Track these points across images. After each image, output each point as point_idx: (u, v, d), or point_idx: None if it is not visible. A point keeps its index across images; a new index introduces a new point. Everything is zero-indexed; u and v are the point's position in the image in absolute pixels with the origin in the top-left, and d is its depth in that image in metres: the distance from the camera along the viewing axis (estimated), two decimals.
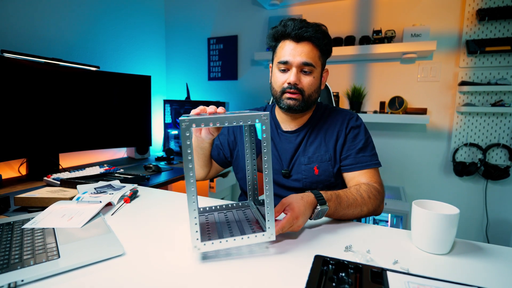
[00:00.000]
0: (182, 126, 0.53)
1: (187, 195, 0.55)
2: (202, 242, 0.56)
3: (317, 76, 0.92)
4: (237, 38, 2.37)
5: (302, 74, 0.90)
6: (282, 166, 0.98)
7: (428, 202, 0.67)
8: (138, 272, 0.54)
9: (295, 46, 0.88)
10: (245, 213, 0.72)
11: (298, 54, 0.87)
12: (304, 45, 0.88)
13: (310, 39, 0.87)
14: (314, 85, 0.91)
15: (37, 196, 0.91)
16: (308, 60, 0.87)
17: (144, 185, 1.26)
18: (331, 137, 0.96)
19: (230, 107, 2.43)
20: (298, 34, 0.87)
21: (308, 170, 0.94)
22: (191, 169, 0.54)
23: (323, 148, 0.95)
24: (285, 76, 0.91)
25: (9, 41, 1.44)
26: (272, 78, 0.97)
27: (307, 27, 0.87)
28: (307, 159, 0.95)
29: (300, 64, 0.88)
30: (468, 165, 1.80)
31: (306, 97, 0.91)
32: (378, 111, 1.97)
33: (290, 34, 0.88)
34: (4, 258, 0.57)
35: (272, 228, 0.58)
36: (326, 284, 0.48)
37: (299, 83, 0.89)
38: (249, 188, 0.76)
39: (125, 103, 1.76)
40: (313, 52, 0.89)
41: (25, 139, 1.33)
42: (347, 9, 2.04)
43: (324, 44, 0.90)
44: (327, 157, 0.95)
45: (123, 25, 2.10)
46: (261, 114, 0.55)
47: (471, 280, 0.52)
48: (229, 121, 0.54)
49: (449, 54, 1.84)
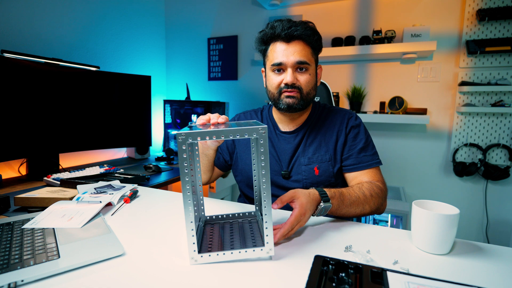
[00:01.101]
0: (179, 140, 0.53)
1: (184, 207, 0.56)
2: (199, 254, 0.57)
3: (313, 73, 0.92)
4: (237, 38, 2.37)
5: (297, 73, 0.90)
6: (282, 167, 0.97)
7: (428, 202, 0.67)
8: (138, 272, 0.54)
9: (286, 46, 0.88)
10: (250, 224, 0.72)
11: (291, 54, 0.87)
12: (295, 44, 0.88)
13: (301, 37, 0.87)
14: (311, 82, 0.91)
15: (37, 196, 0.91)
16: (302, 58, 0.87)
17: (144, 185, 1.26)
18: (331, 137, 0.96)
19: (230, 107, 2.43)
20: (288, 34, 0.87)
21: (308, 171, 0.94)
22: (187, 181, 0.55)
23: (323, 148, 0.95)
24: (280, 77, 0.91)
25: (9, 41, 1.44)
26: (267, 81, 0.96)
27: (296, 26, 0.87)
28: (307, 160, 0.95)
29: (294, 64, 0.88)
30: (468, 165, 1.80)
31: (305, 94, 0.91)
32: (378, 111, 1.97)
33: (280, 35, 0.88)
34: (4, 258, 0.57)
35: (270, 243, 0.58)
36: (326, 284, 0.48)
37: (296, 82, 0.89)
38: (256, 199, 0.76)
39: (125, 103, 1.76)
40: (306, 49, 0.89)
41: (25, 139, 1.33)
42: (347, 9, 2.04)
43: (314, 40, 0.90)
44: (327, 157, 0.94)
45: (123, 25, 2.10)
46: (258, 128, 0.54)
47: (471, 280, 0.52)
48: (226, 135, 0.54)
49: (449, 54, 1.84)
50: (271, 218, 0.57)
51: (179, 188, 1.92)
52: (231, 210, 0.89)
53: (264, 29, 0.92)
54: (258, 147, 0.56)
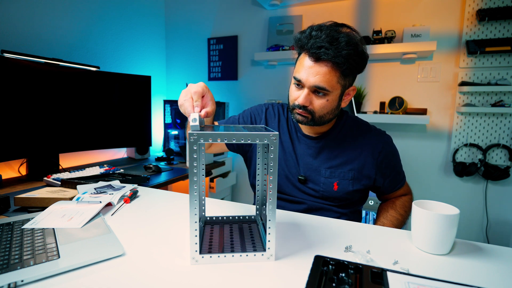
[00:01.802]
0: (191, 140, 0.53)
1: (190, 207, 0.55)
2: (200, 255, 0.57)
3: (333, 98, 0.84)
4: (237, 38, 2.37)
5: (314, 95, 0.84)
6: (299, 171, 0.95)
7: (428, 202, 0.68)
8: (138, 272, 0.54)
9: (312, 65, 0.80)
10: (250, 228, 0.72)
11: (312, 75, 0.80)
12: (321, 66, 0.79)
13: (329, 61, 0.79)
14: (327, 108, 0.84)
15: (37, 196, 0.91)
16: (321, 84, 0.80)
17: (144, 185, 1.26)
18: (359, 156, 0.92)
19: (230, 107, 2.43)
20: (316, 54, 0.79)
21: (327, 184, 0.92)
22: (195, 182, 0.55)
23: (348, 165, 0.92)
24: (297, 93, 0.85)
25: (9, 41, 1.44)
26: (289, 88, 0.91)
27: (328, 48, 0.77)
28: (328, 173, 0.92)
29: (312, 86, 0.81)
30: (468, 166, 1.80)
31: (317, 118, 0.86)
32: (378, 112, 1.97)
33: (309, 50, 0.80)
34: (4, 258, 0.57)
35: (272, 248, 0.58)
36: (326, 284, 0.48)
37: (309, 105, 0.84)
38: (257, 203, 0.76)
39: (125, 103, 1.76)
40: (331, 74, 0.80)
41: (25, 139, 1.33)
42: (347, 9, 2.04)
43: (345, 68, 0.80)
44: (349, 175, 0.91)
45: (123, 25, 2.10)
46: (270, 134, 0.54)
47: (471, 281, 0.52)
48: (237, 139, 0.54)
49: (449, 54, 1.84)
50: (275, 223, 0.57)
51: (179, 188, 1.92)
52: (231, 210, 0.89)
53: (305, 31, 0.83)
54: (268, 153, 0.56)
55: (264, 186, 0.74)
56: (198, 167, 0.57)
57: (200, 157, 0.68)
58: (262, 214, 0.75)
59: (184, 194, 1.04)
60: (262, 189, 0.74)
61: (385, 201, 1.04)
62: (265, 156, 0.72)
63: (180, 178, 1.56)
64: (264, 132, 0.56)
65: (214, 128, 0.65)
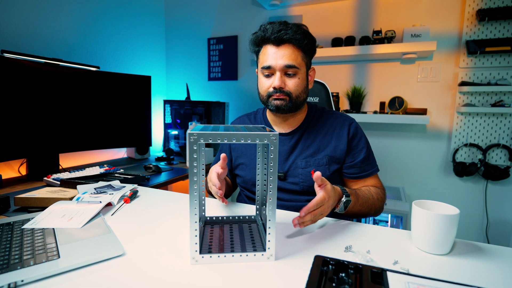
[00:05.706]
0: (190, 140, 0.53)
1: (190, 207, 0.56)
2: (200, 255, 0.57)
3: (303, 76, 0.91)
4: (237, 38, 2.37)
5: (286, 77, 0.90)
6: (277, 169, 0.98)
7: (428, 202, 0.68)
8: (138, 272, 0.54)
9: (276, 50, 0.88)
10: (250, 228, 0.72)
11: (280, 58, 0.87)
12: (285, 48, 0.87)
13: (290, 41, 0.87)
14: (301, 86, 0.91)
15: (37, 196, 0.91)
16: (290, 62, 0.87)
17: (144, 185, 1.26)
18: (330, 141, 0.96)
19: (230, 108, 2.43)
20: (277, 37, 0.86)
21: (305, 174, 0.94)
22: (195, 182, 0.55)
23: (321, 152, 0.95)
24: (269, 81, 0.91)
25: (9, 41, 1.44)
26: (258, 84, 0.97)
27: (286, 29, 0.86)
28: (304, 163, 0.95)
29: (283, 67, 0.87)
30: (468, 166, 1.80)
31: (294, 98, 0.91)
32: (378, 112, 1.97)
33: (270, 38, 0.88)
34: (4, 258, 0.57)
35: (272, 248, 0.58)
36: (326, 284, 0.48)
37: (284, 86, 0.89)
38: (257, 203, 0.76)
39: (125, 103, 1.76)
40: (295, 53, 0.88)
41: (25, 139, 1.33)
42: (347, 9, 2.04)
43: (305, 44, 0.88)
44: (324, 161, 0.95)
45: (123, 25, 2.10)
46: (270, 134, 0.55)
47: (471, 281, 0.52)
48: (237, 139, 0.55)
49: (449, 54, 1.84)
50: (275, 222, 0.57)
51: (179, 188, 1.92)
52: (231, 210, 0.89)
53: (257, 31, 0.92)
54: (268, 153, 0.57)
55: (264, 186, 0.74)
56: (198, 167, 0.57)
57: (200, 157, 0.68)
58: (262, 214, 0.75)
59: (184, 194, 1.04)
60: (262, 189, 0.74)
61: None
62: (265, 156, 0.73)
63: (180, 178, 1.56)
64: (264, 132, 0.56)
65: (214, 128, 0.65)
